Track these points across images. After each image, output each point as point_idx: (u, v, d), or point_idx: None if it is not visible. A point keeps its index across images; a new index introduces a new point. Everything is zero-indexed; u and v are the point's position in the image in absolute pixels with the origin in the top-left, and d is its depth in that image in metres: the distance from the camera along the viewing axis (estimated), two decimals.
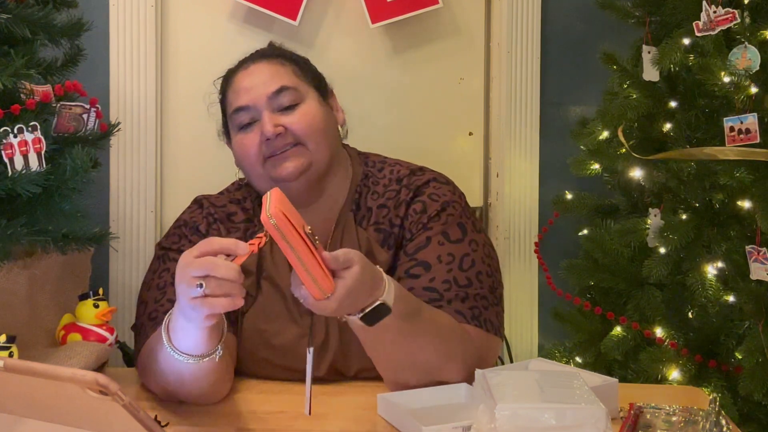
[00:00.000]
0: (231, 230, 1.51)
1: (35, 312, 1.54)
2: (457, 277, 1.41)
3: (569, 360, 2.15)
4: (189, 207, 1.57)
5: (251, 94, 1.48)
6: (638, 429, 1.21)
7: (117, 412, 0.85)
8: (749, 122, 1.84)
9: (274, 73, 1.50)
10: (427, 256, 1.42)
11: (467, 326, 1.38)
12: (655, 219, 2.01)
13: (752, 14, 1.92)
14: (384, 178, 1.54)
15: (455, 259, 1.42)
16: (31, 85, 1.45)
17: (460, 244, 1.44)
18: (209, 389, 1.33)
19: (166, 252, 1.50)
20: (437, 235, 1.44)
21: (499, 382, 1.17)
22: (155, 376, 1.33)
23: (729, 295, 1.92)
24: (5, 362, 0.88)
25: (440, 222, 1.45)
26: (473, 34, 2.43)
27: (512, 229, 2.41)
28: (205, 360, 1.24)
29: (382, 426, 1.26)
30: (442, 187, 1.50)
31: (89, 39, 1.70)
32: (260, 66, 1.53)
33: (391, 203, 1.50)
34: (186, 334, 1.22)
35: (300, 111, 1.48)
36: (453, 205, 1.48)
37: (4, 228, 1.39)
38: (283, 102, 1.47)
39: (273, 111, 1.47)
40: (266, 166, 1.46)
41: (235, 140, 1.51)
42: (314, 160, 1.47)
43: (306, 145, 1.46)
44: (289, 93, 1.48)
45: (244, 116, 1.48)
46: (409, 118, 2.40)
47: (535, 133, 2.42)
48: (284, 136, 1.46)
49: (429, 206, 1.46)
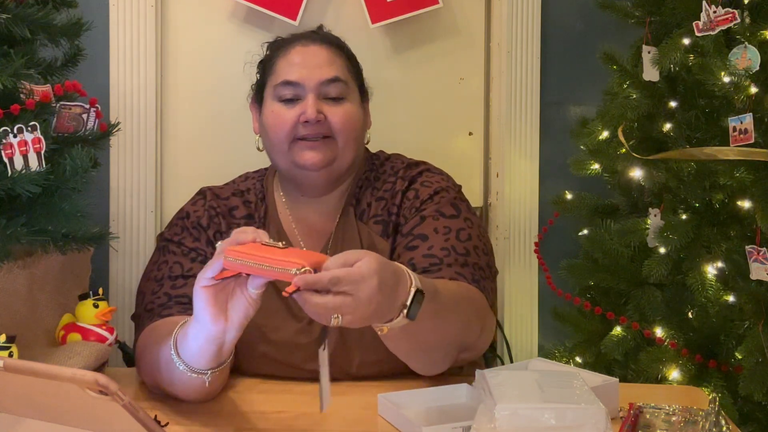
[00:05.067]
0: (232, 225, 1.52)
1: (35, 312, 1.54)
2: (456, 246, 1.42)
3: (569, 360, 2.15)
4: (193, 198, 1.60)
5: (305, 73, 1.50)
6: (638, 429, 1.21)
7: (117, 412, 0.85)
8: (747, 122, 1.84)
9: (331, 60, 1.52)
10: (423, 230, 1.44)
11: (470, 286, 1.38)
12: (655, 219, 2.01)
13: (752, 14, 1.92)
14: (384, 173, 1.57)
15: (452, 231, 1.44)
16: (30, 85, 1.45)
17: (455, 220, 1.47)
18: (203, 395, 1.32)
19: (166, 244, 1.53)
20: (432, 213, 1.47)
21: (499, 382, 1.17)
22: (151, 370, 1.34)
23: (729, 295, 1.92)
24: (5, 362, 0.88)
25: (433, 203, 1.49)
26: (473, 34, 2.43)
27: (512, 229, 2.41)
28: (200, 376, 1.24)
29: (382, 426, 1.26)
30: (434, 176, 1.54)
31: (89, 39, 1.70)
32: (320, 48, 1.54)
33: (388, 194, 1.53)
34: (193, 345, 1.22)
35: (344, 107, 1.50)
36: (446, 189, 1.51)
37: (4, 228, 1.39)
38: (331, 92, 1.50)
39: (318, 97, 1.49)
40: (293, 148, 1.49)
41: (271, 108, 1.52)
42: (339, 157, 1.50)
43: (337, 141, 1.49)
44: (340, 86, 1.51)
45: (289, 90, 1.50)
46: (409, 118, 2.40)
47: (535, 133, 2.42)
48: (322, 124, 1.48)
49: (421, 192, 1.50)
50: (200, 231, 1.52)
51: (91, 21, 1.66)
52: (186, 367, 1.23)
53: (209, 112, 2.35)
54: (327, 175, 1.51)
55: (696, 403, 1.30)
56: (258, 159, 1.71)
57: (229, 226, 1.52)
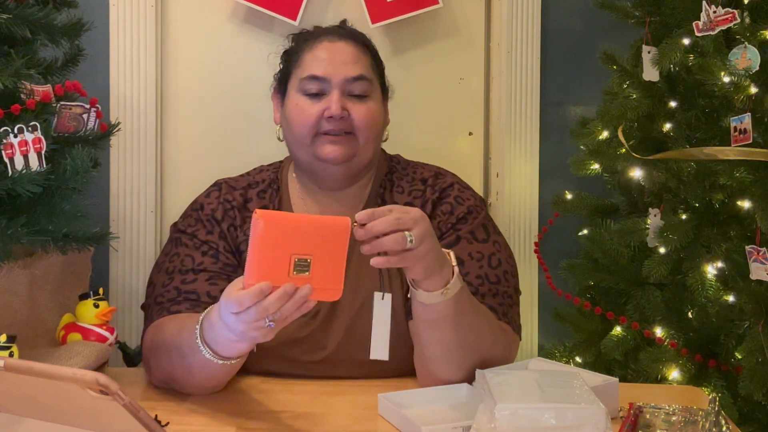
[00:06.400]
0: (246, 219, 1.54)
1: (35, 312, 1.54)
2: (488, 274, 1.47)
3: (569, 360, 2.15)
4: (207, 189, 1.61)
5: (331, 69, 1.52)
6: (638, 429, 1.21)
7: (117, 411, 0.85)
8: (746, 122, 1.84)
9: (357, 58, 1.55)
10: (459, 252, 1.47)
11: (501, 323, 1.44)
12: (655, 219, 2.01)
13: (752, 14, 1.92)
14: (407, 175, 1.60)
15: (484, 257, 1.49)
16: (31, 85, 1.45)
17: (485, 244, 1.51)
18: (219, 383, 1.38)
19: (179, 236, 1.54)
20: (466, 235, 1.51)
21: (499, 382, 1.17)
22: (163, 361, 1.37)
23: (729, 295, 1.92)
24: (6, 362, 0.89)
25: (467, 224, 1.52)
26: (473, 34, 2.43)
27: (512, 229, 2.41)
28: (232, 362, 1.29)
29: (382, 426, 1.26)
30: (465, 191, 1.58)
31: (89, 39, 1.70)
32: (347, 45, 1.56)
33: (419, 202, 1.55)
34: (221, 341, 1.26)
35: (367, 105, 1.53)
36: (477, 209, 1.56)
37: (5, 228, 1.39)
38: (355, 89, 1.52)
39: (343, 93, 1.51)
40: (315, 141, 1.51)
41: (295, 101, 1.54)
42: (359, 154, 1.52)
43: (358, 138, 1.52)
44: (364, 84, 1.53)
45: (314, 85, 1.52)
46: (409, 118, 2.40)
47: (535, 133, 2.42)
48: (345, 120, 1.50)
49: (456, 209, 1.54)
50: (213, 224, 1.53)
51: (91, 21, 1.66)
52: (212, 355, 1.27)
53: (209, 112, 2.35)
54: (346, 170, 1.53)
55: (696, 403, 1.30)
56: (258, 158, 1.71)
57: (244, 219, 1.54)
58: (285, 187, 1.60)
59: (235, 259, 1.51)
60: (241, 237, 1.52)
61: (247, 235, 1.51)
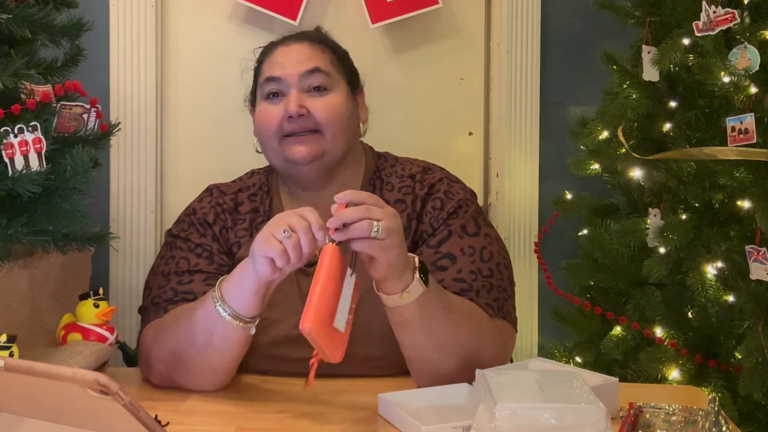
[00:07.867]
0: (238, 221, 1.56)
1: (36, 312, 1.54)
2: (481, 268, 1.47)
3: (569, 360, 2.15)
4: (200, 195, 1.63)
5: (285, 69, 1.53)
6: (638, 429, 1.21)
7: (117, 411, 0.85)
8: (748, 122, 1.84)
9: (312, 55, 1.55)
10: (451, 248, 1.47)
11: (496, 319, 1.44)
12: (655, 219, 2.01)
13: (752, 14, 1.92)
14: (396, 173, 1.60)
15: (476, 251, 1.48)
16: (31, 85, 1.45)
17: (477, 237, 1.51)
18: (227, 363, 1.38)
19: (174, 240, 1.56)
20: (457, 229, 1.50)
21: (499, 382, 1.17)
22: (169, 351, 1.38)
23: (729, 295, 1.92)
24: (6, 362, 0.89)
25: (458, 218, 1.52)
26: (473, 34, 2.43)
27: (512, 229, 2.41)
28: (245, 325, 1.31)
29: (382, 426, 1.26)
30: (454, 185, 1.57)
31: (89, 39, 1.70)
32: (302, 46, 1.57)
33: (409, 198, 1.55)
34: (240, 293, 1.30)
35: (327, 99, 1.52)
36: (467, 202, 1.55)
37: (5, 228, 1.39)
38: (313, 83, 1.52)
39: (302, 91, 1.51)
40: (282, 144, 1.51)
41: (259, 109, 1.55)
42: (328, 150, 1.51)
43: (324, 134, 1.51)
44: (321, 76, 1.53)
45: (272, 86, 1.53)
46: (409, 118, 2.40)
47: (535, 133, 2.42)
48: (306, 118, 1.50)
49: (446, 203, 1.53)
50: (206, 227, 1.55)
51: (91, 21, 1.66)
52: (232, 316, 1.30)
53: (209, 112, 2.35)
54: (318, 168, 1.52)
55: (696, 403, 1.30)
56: (257, 158, 1.71)
57: (235, 222, 1.56)
58: (275, 190, 1.61)
59: (229, 260, 1.53)
60: (233, 239, 1.55)
61: (239, 236, 1.54)
